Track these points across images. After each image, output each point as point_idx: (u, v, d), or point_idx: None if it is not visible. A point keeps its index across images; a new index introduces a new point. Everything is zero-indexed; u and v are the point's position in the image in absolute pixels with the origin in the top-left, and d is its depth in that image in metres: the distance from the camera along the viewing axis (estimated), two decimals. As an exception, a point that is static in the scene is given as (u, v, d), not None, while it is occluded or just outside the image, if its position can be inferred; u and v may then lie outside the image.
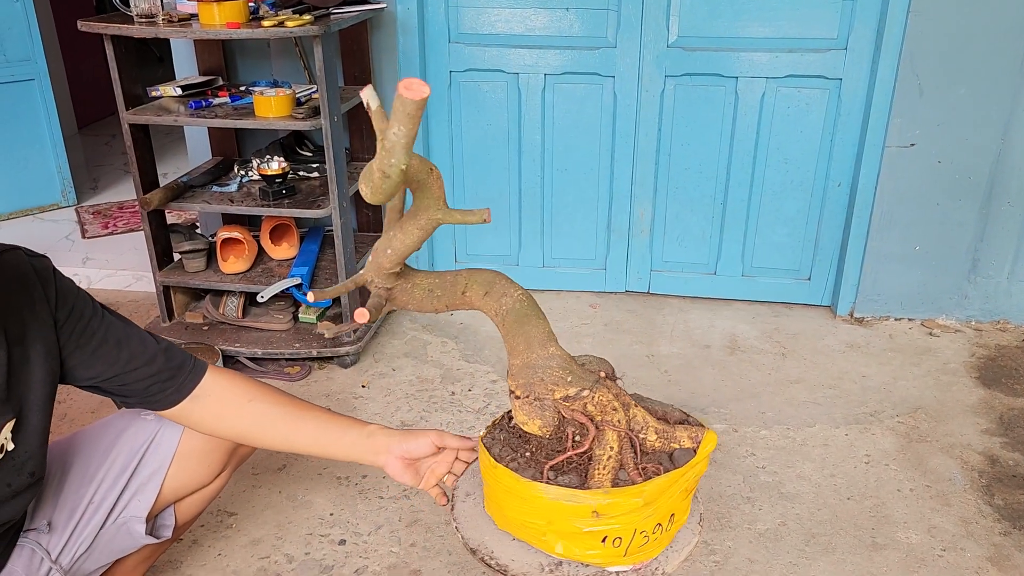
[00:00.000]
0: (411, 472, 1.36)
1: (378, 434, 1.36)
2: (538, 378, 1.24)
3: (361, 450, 1.36)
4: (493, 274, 1.37)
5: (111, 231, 3.64)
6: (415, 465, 1.37)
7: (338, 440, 1.35)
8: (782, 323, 2.88)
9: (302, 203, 2.52)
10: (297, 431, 1.36)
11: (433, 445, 1.35)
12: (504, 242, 3.09)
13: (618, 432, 1.23)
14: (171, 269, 2.68)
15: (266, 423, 1.36)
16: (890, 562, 1.84)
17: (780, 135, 2.80)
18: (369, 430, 1.37)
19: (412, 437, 1.35)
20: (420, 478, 1.38)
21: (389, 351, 2.74)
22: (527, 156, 2.96)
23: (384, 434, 1.36)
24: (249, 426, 1.37)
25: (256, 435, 1.38)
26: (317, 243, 2.82)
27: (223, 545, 1.93)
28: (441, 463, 1.39)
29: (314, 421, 1.37)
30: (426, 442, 1.35)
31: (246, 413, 1.36)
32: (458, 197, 3.04)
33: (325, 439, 1.36)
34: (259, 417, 1.36)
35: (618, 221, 2.99)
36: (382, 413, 2.40)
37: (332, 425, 1.37)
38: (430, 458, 1.38)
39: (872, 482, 2.09)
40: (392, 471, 1.36)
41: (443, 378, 2.58)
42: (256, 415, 1.36)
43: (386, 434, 1.36)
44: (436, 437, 1.36)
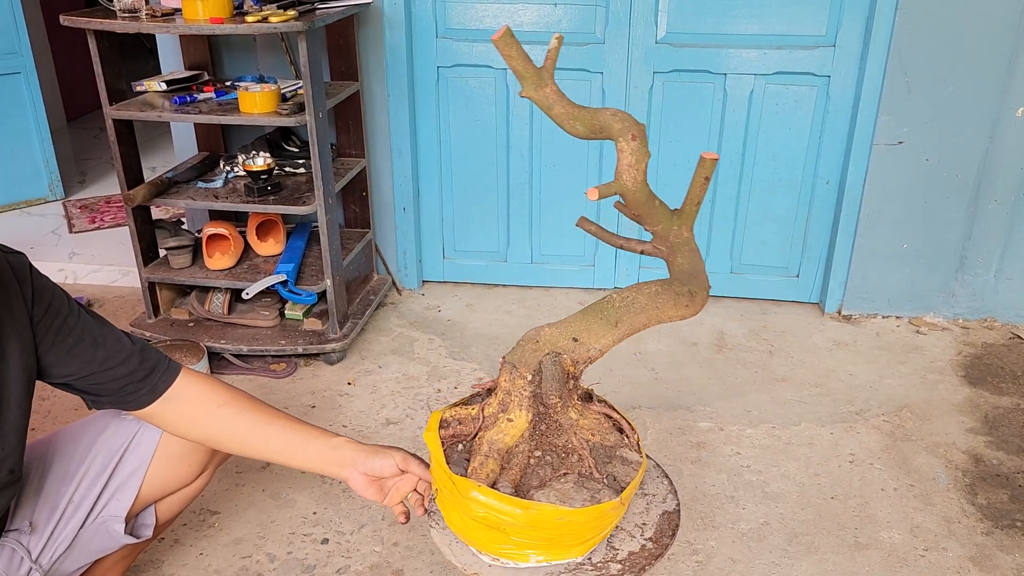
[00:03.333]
0: (375, 488, 1.36)
1: (344, 447, 1.35)
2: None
3: (325, 462, 1.35)
4: None
5: (98, 226, 3.62)
6: (379, 482, 1.37)
7: (303, 450, 1.35)
8: (770, 320, 2.88)
9: (288, 199, 2.51)
10: (265, 438, 1.35)
11: (396, 468, 1.34)
12: (492, 238, 3.08)
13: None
14: (156, 265, 2.67)
15: (235, 429, 1.36)
16: (872, 562, 1.84)
17: (769, 132, 2.80)
18: (336, 443, 1.36)
19: (377, 456, 1.35)
20: (384, 494, 1.38)
21: (376, 348, 2.73)
22: (515, 152, 2.94)
23: (350, 448, 1.35)
24: (218, 431, 1.36)
25: (225, 440, 1.38)
26: (304, 239, 2.81)
27: (205, 544, 1.92)
28: (406, 482, 1.38)
29: (282, 429, 1.36)
30: (389, 464, 1.34)
31: (216, 418, 1.35)
32: (446, 194, 3.03)
33: (292, 448, 1.35)
34: (228, 422, 1.35)
35: (606, 217, 2.98)
36: (367, 410, 2.40)
37: (300, 434, 1.36)
38: (398, 477, 1.38)
39: (856, 481, 2.09)
40: (355, 486, 1.35)
41: (429, 375, 2.58)
42: (225, 420, 1.35)
43: (352, 448, 1.35)
44: (401, 460, 1.35)
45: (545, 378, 1.41)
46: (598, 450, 1.51)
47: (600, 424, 1.54)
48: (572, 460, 1.47)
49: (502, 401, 1.44)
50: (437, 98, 2.90)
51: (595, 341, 1.40)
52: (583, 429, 1.50)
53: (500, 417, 1.43)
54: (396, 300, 3.05)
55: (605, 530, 1.43)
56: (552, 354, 1.40)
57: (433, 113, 2.92)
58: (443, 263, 3.14)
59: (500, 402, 1.45)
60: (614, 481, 1.44)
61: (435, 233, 3.10)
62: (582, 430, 1.50)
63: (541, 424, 1.46)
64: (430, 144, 2.96)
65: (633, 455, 1.51)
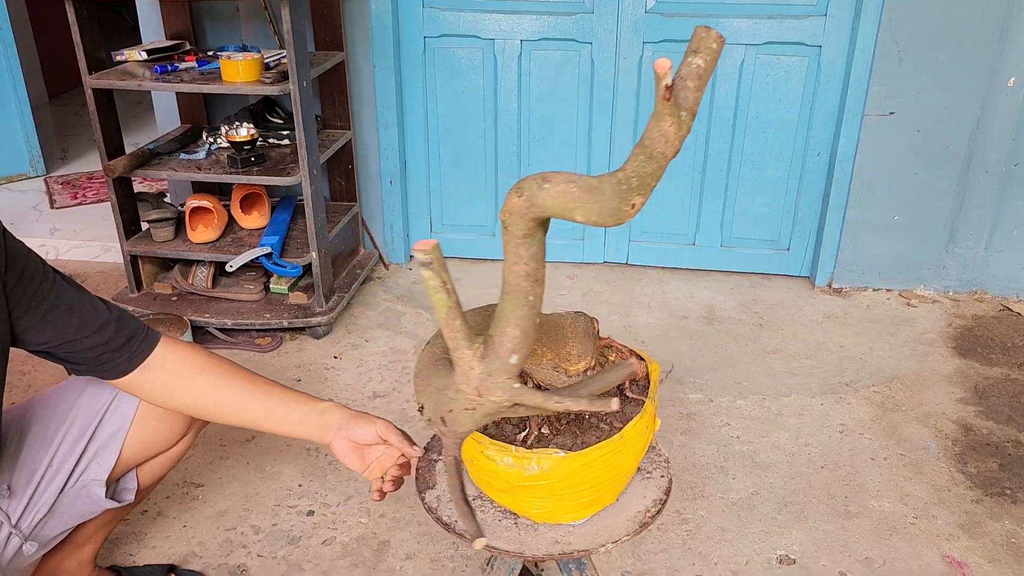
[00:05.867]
0: (356, 456, 1.31)
1: (330, 411, 1.32)
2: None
3: (310, 426, 1.31)
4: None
5: (80, 201, 3.57)
6: (362, 450, 1.33)
7: (289, 415, 1.31)
8: (760, 294, 2.86)
9: (272, 170, 2.47)
10: (247, 405, 1.32)
11: (377, 436, 1.30)
12: (480, 212, 3.05)
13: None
14: (139, 239, 2.63)
15: (216, 396, 1.32)
16: (862, 530, 1.83)
17: (759, 103, 2.77)
18: (322, 407, 1.32)
19: (360, 422, 1.30)
20: (365, 465, 1.33)
21: (363, 322, 2.70)
22: (503, 125, 2.91)
23: (336, 413, 1.31)
24: (199, 399, 1.33)
25: (207, 408, 1.34)
26: (289, 212, 2.77)
27: (188, 516, 1.89)
28: (389, 456, 1.35)
29: (265, 395, 1.32)
30: (371, 430, 1.30)
31: (196, 385, 1.32)
32: (433, 167, 2.99)
33: (276, 414, 1.31)
34: (209, 390, 1.32)
35: (596, 189, 2.95)
36: (354, 384, 2.37)
37: (284, 400, 1.32)
38: (379, 447, 1.35)
39: (846, 451, 2.08)
40: (337, 451, 1.31)
41: (417, 349, 2.55)
42: (206, 387, 1.32)
43: (338, 413, 1.31)
44: (383, 429, 1.30)
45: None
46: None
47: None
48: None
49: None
50: (424, 69, 2.86)
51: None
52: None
53: None
54: (383, 274, 3.02)
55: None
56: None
57: (420, 84, 2.88)
58: (431, 237, 3.11)
59: None
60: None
61: (422, 207, 3.06)
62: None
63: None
64: (417, 116, 2.92)
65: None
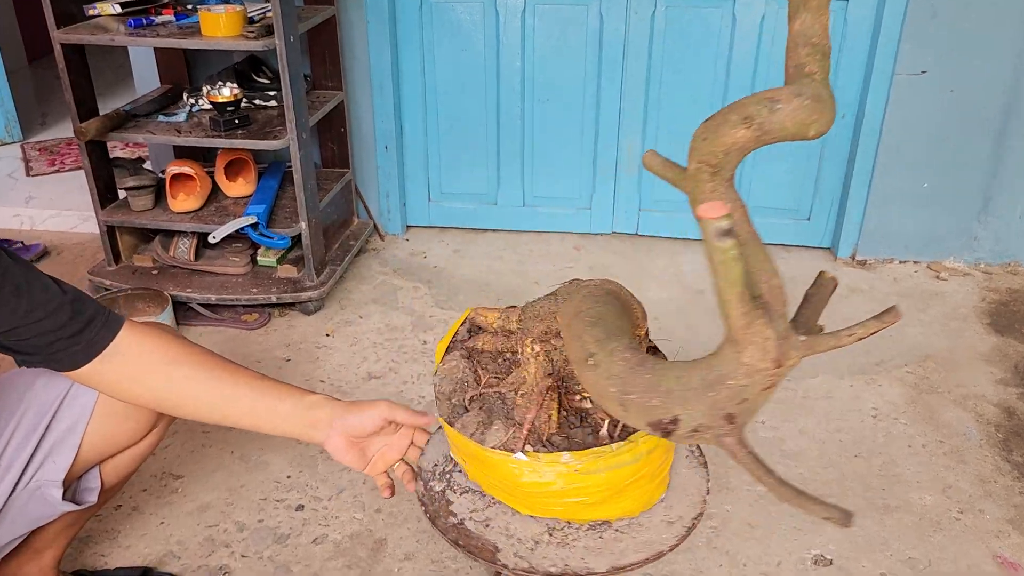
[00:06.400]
0: (355, 452, 1.15)
1: (321, 405, 1.14)
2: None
3: (299, 423, 1.14)
4: None
5: (57, 169, 3.38)
6: (361, 444, 1.16)
7: (273, 411, 1.13)
8: (780, 267, 2.68)
9: (257, 134, 2.28)
10: (225, 400, 1.14)
11: (382, 419, 1.14)
12: (481, 179, 2.87)
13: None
14: (115, 208, 2.44)
15: (188, 390, 1.14)
16: (903, 525, 1.68)
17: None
18: (310, 400, 1.15)
19: (358, 410, 1.14)
20: (367, 461, 1.17)
21: (356, 297, 2.53)
22: (505, 86, 2.72)
23: (327, 406, 1.14)
24: (169, 393, 1.15)
25: (177, 403, 1.16)
26: (277, 179, 2.58)
27: (166, 512, 1.73)
28: (393, 447, 1.18)
29: (247, 388, 1.14)
30: (373, 415, 1.13)
31: (165, 377, 1.14)
32: (431, 131, 2.81)
33: (260, 410, 1.14)
34: (181, 382, 1.14)
35: (604, 156, 2.78)
36: (347, 364, 2.20)
37: (269, 394, 1.14)
38: (380, 437, 1.18)
39: (881, 438, 1.93)
40: (333, 450, 1.14)
41: (414, 326, 2.38)
42: (177, 380, 1.14)
43: (329, 405, 1.14)
44: (386, 409, 1.14)
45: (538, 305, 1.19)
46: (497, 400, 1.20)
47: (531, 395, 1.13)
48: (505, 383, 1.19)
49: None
50: (420, 26, 2.66)
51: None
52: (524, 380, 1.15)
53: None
54: (378, 246, 2.84)
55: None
56: (553, 296, 1.20)
57: (416, 42, 2.68)
58: (428, 206, 2.92)
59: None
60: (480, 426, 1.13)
61: (420, 174, 2.88)
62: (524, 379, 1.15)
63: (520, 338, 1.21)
64: (414, 77, 2.73)
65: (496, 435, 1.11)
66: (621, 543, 1.10)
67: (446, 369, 1.20)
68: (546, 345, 1.12)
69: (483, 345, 1.23)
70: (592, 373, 0.94)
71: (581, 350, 0.96)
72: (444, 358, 1.22)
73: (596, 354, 0.94)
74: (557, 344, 1.12)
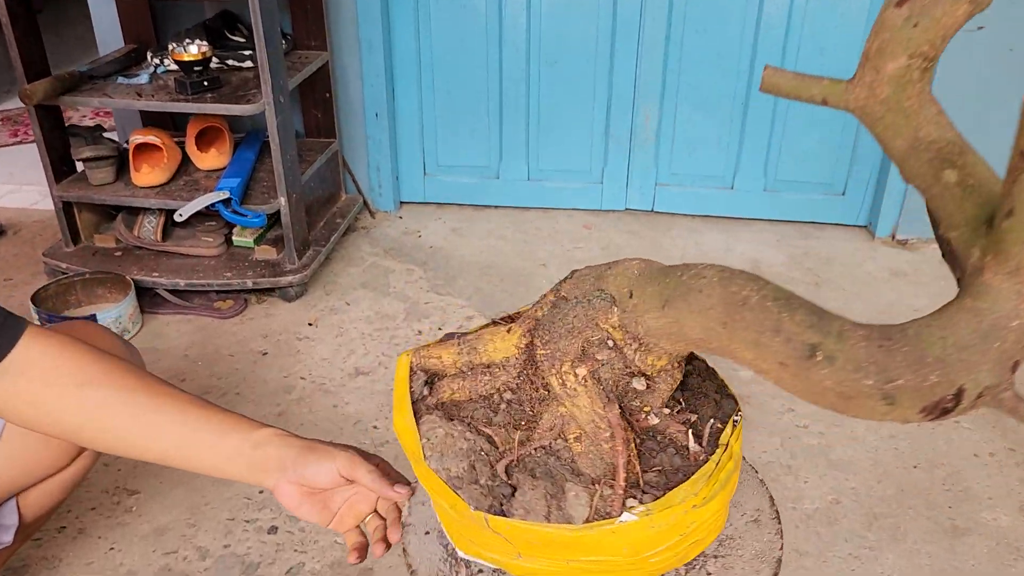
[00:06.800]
0: (313, 504, 0.88)
1: (270, 444, 0.87)
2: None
3: (241, 465, 0.87)
4: None
5: (20, 140, 3.11)
6: (320, 496, 0.90)
7: (213, 448, 0.87)
8: (812, 246, 2.43)
9: (229, 97, 2.02)
10: (152, 433, 0.88)
11: (338, 477, 0.86)
12: (483, 151, 2.60)
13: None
14: (72, 182, 2.18)
15: (103, 419, 0.88)
16: (978, 552, 1.44)
17: (815, 19, 2.30)
18: (258, 437, 0.87)
19: (313, 457, 0.86)
20: (330, 514, 0.90)
21: (343, 281, 2.27)
22: (509, 47, 2.44)
23: (279, 445, 0.87)
24: (78, 421, 0.88)
25: (88, 434, 0.89)
26: (254, 151, 2.31)
27: (118, 535, 1.49)
28: (363, 496, 0.92)
29: (180, 418, 0.88)
30: (327, 470, 0.86)
31: (75, 402, 0.87)
32: (427, 97, 2.53)
33: (192, 446, 0.87)
34: (94, 410, 0.87)
35: (618, 126, 2.51)
36: (332, 358, 1.95)
37: (206, 426, 0.88)
38: (348, 488, 0.92)
39: (942, 445, 1.68)
40: (285, 499, 0.87)
41: (408, 314, 2.13)
42: (90, 406, 0.87)
43: (281, 446, 0.87)
44: (346, 465, 0.86)
45: (557, 314, 0.88)
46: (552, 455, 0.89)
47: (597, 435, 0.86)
48: (517, 432, 0.91)
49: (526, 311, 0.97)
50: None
51: (643, 312, 0.82)
52: (573, 420, 0.88)
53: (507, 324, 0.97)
54: (369, 224, 2.58)
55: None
56: (603, 293, 0.87)
57: (411, 2, 2.41)
58: (424, 180, 2.66)
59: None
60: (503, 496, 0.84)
61: (414, 145, 2.61)
62: (570, 420, 0.88)
63: (529, 364, 0.92)
64: (407, 35, 2.45)
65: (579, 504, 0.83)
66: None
67: (435, 445, 0.88)
68: (591, 364, 0.85)
69: (457, 395, 0.94)
70: (826, 371, 0.67)
71: (790, 347, 0.69)
72: (421, 432, 0.89)
73: (822, 343, 0.67)
74: (603, 358, 0.85)
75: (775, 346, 0.69)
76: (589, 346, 0.84)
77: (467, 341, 0.95)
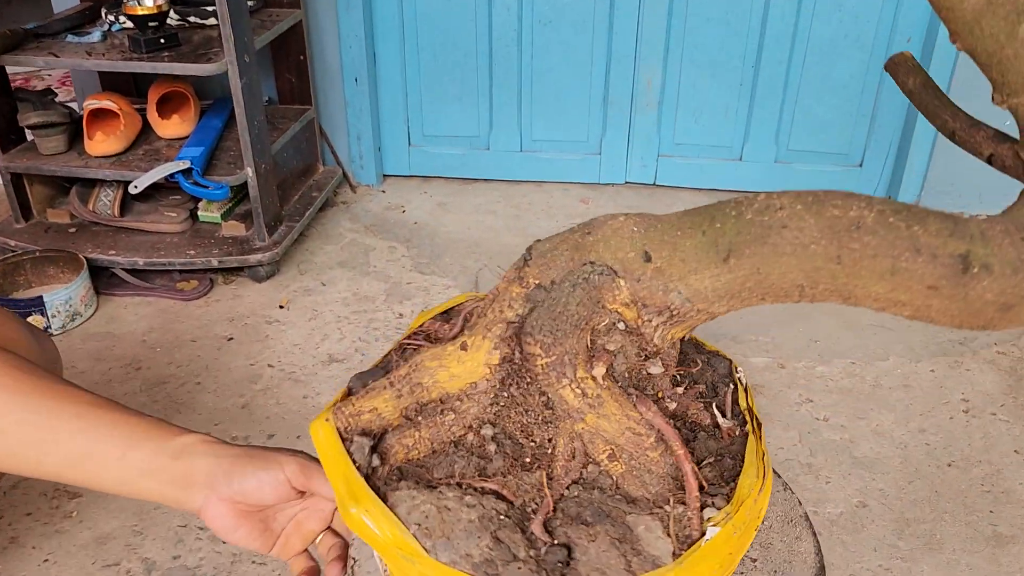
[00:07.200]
0: (251, 526, 0.70)
1: (195, 453, 0.69)
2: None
3: (160, 481, 0.69)
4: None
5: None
6: (261, 516, 0.72)
7: (118, 462, 0.69)
8: (827, 222, 2.25)
9: (188, 56, 1.83)
10: (41, 446, 0.69)
11: (287, 489, 0.70)
12: (471, 119, 2.41)
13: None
14: (21, 151, 1.99)
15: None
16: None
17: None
18: (179, 445, 0.70)
19: (255, 466, 0.69)
20: (272, 538, 0.73)
21: (319, 260, 2.10)
22: (499, 5, 2.25)
23: (206, 454, 0.69)
24: None
25: None
26: (222, 119, 2.13)
27: (54, 545, 1.32)
28: (313, 513, 0.75)
29: (77, 426, 0.69)
30: (275, 480, 0.69)
31: None
32: (410, 60, 2.34)
33: (95, 460, 0.69)
34: None
35: (617, 91, 2.32)
36: (304, 344, 1.78)
37: (110, 434, 0.69)
38: (293, 505, 0.75)
39: (978, 440, 1.51)
40: (216, 523, 0.69)
41: (389, 294, 1.95)
42: None
43: (210, 453, 0.69)
44: (297, 472, 0.70)
45: (543, 303, 0.67)
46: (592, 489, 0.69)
47: (638, 445, 0.67)
48: (528, 476, 0.70)
49: (475, 314, 0.76)
50: (396, -71, 2.19)
51: (682, 276, 0.63)
52: (598, 436, 0.68)
53: (461, 337, 0.73)
54: (348, 199, 2.40)
55: None
56: (598, 267, 0.67)
57: (391, -50, 2.21)
58: (408, 151, 2.47)
59: (471, 315, 0.78)
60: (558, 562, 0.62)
61: (398, 113, 2.42)
62: (596, 437, 0.68)
63: (513, 382, 0.70)
64: None
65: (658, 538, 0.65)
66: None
67: (431, 529, 0.63)
68: (605, 358, 0.66)
69: (415, 451, 0.70)
70: (986, 282, 0.55)
71: (938, 264, 0.55)
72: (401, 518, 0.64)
73: (971, 251, 0.54)
74: (615, 347, 0.67)
75: (919, 268, 0.55)
76: (596, 337, 0.66)
77: (403, 378, 0.71)
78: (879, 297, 0.58)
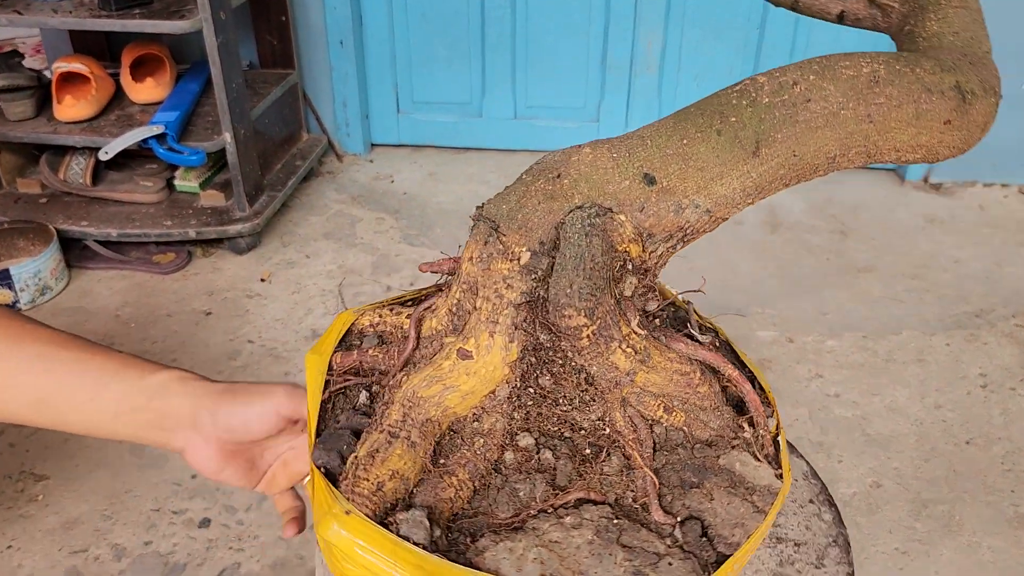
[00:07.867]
0: (237, 464, 0.64)
1: (174, 391, 0.62)
2: None
3: (137, 423, 0.61)
4: None
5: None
6: (247, 452, 0.65)
7: (89, 403, 0.61)
8: (836, 192, 2.17)
9: (160, 13, 1.72)
10: (10, 383, 0.61)
11: (278, 418, 0.62)
12: (463, 85, 2.31)
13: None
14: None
15: None
16: (1051, 548, 1.20)
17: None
18: (156, 383, 0.62)
19: (241, 400, 0.62)
20: (258, 475, 0.66)
21: (303, 231, 2.00)
22: (492, -37, 2.15)
23: (186, 393, 0.62)
24: None
25: None
26: (199, 83, 2.02)
27: (19, 530, 1.24)
28: (301, 454, 0.67)
29: (42, 365, 0.60)
30: (263, 412, 0.61)
31: None
32: (398, 21, 2.24)
33: (63, 400, 0.61)
34: None
35: (616, 54, 2.22)
36: (286, 318, 1.69)
37: (80, 372, 0.62)
38: (281, 440, 0.67)
39: (997, 417, 1.43)
40: (203, 464, 0.63)
41: (376, 267, 1.87)
42: None
43: (190, 393, 0.62)
44: (285, 400, 0.62)
45: (563, 265, 0.55)
46: (673, 449, 0.61)
47: (688, 385, 0.60)
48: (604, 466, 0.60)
49: (457, 310, 0.61)
50: None
51: (701, 186, 0.55)
52: (645, 394, 0.59)
53: (449, 345, 0.60)
54: (334, 168, 2.30)
55: None
56: (590, 208, 0.56)
57: (377, -95, 2.10)
58: (397, 119, 2.37)
59: (454, 313, 0.63)
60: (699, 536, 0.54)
61: (385, 77, 2.32)
62: (643, 396, 0.59)
63: (540, 372, 0.59)
64: (375, -49, 2.16)
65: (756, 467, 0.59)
66: None
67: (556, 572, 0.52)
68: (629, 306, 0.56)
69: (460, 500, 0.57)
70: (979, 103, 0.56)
71: (946, 99, 0.56)
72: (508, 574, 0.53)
73: (959, 80, 0.57)
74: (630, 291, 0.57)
75: (936, 107, 0.56)
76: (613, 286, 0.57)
77: (404, 423, 0.57)
78: (901, 146, 0.57)
